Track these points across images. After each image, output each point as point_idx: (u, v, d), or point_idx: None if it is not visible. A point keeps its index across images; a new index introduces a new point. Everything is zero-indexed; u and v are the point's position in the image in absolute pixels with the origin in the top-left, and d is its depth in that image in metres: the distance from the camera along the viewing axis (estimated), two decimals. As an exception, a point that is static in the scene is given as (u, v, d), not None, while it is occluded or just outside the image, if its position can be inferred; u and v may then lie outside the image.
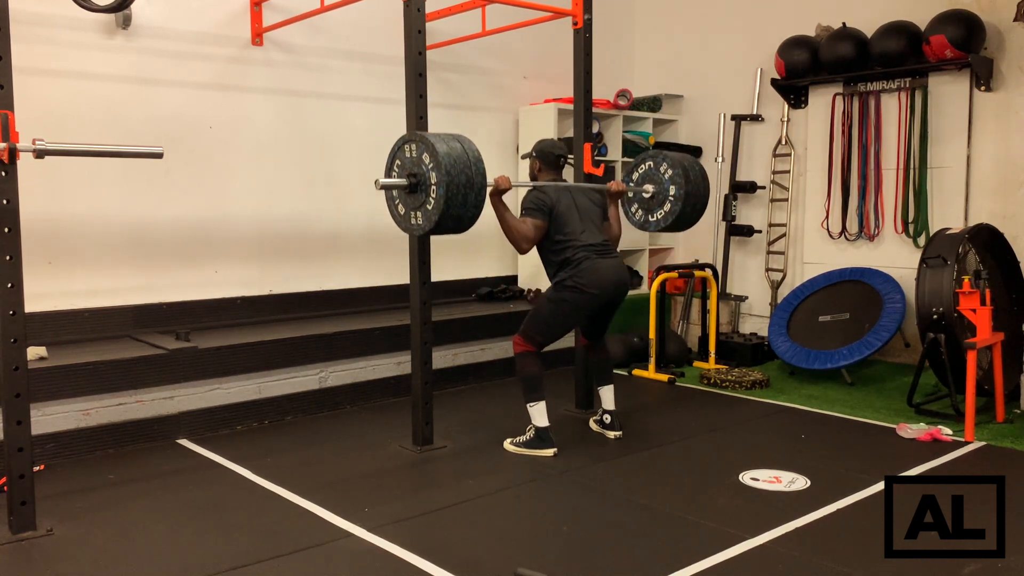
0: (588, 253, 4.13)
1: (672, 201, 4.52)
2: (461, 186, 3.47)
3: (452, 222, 3.55)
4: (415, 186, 3.58)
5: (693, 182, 4.52)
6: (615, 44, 7.46)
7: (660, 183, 4.56)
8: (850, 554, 2.99)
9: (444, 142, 3.52)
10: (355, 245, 5.97)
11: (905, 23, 5.72)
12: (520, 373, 4.23)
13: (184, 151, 5.14)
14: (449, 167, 3.45)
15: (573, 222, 4.17)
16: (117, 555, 3.05)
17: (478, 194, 3.54)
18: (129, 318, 4.99)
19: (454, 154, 3.50)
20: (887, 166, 6.03)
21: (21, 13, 4.41)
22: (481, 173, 3.55)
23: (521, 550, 3.07)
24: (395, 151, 3.70)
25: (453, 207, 3.48)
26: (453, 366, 5.63)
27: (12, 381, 3.10)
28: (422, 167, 3.55)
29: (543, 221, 4.12)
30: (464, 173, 3.48)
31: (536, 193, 4.18)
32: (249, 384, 4.74)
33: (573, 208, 4.21)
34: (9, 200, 3.06)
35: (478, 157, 3.57)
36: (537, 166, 4.39)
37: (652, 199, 4.61)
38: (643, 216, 4.70)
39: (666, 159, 4.56)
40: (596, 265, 4.12)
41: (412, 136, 3.64)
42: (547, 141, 4.44)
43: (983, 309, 4.48)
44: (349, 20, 5.71)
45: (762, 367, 6.10)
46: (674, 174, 4.51)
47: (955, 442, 4.31)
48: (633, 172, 4.72)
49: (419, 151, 3.57)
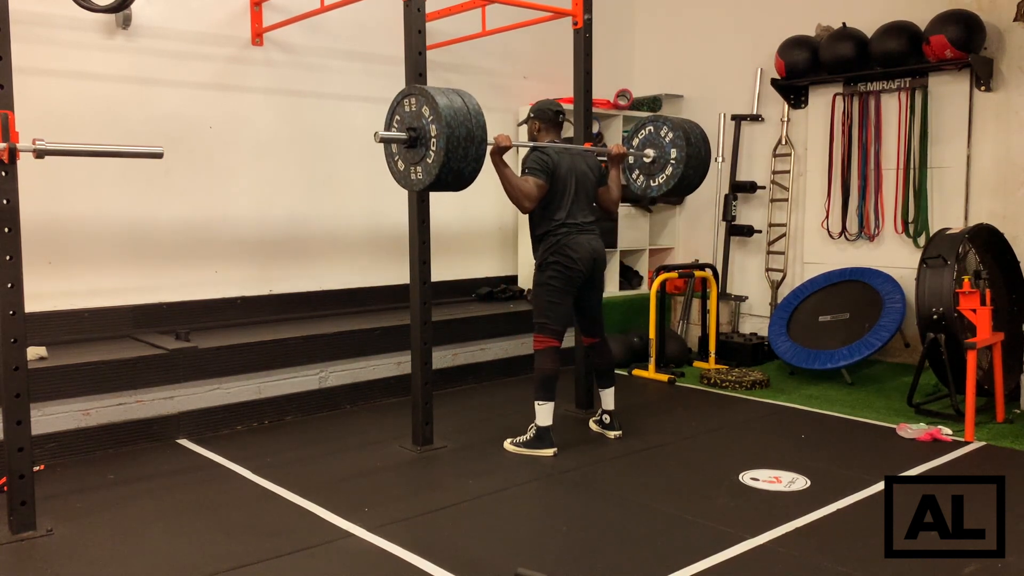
0: (569, 230, 4.19)
1: (674, 164, 4.50)
2: (461, 139, 3.45)
3: (452, 176, 3.52)
4: (415, 140, 3.55)
5: (694, 144, 4.49)
6: (615, 44, 7.46)
7: (661, 147, 4.54)
8: (850, 554, 2.99)
9: (444, 95, 3.50)
10: (355, 245, 5.97)
11: (905, 23, 5.72)
12: (537, 370, 4.22)
13: (184, 151, 5.14)
14: (449, 119, 3.43)
15: (567, 194, 4.20)
16: (117, 555, 3.05)
17: (478, 147, 3.52)
18: (129, 318, 4.99)
19: (454, 106, 3.47)
20: (887, 166, 6.03)
21: (21, 13, 4.41)
22: (481, 127, 3.53)
23: (521, 550, 3.07)
24: (395, 106, 3.67)
25: (453, 160, 3.46)
26: (453, 366, 5.63)
27: (12, 381, 3.10)
28: (422, 120, 3.52)
29: (545, 180, 4.13)
30: (464, 126, 3.46)
31: (538, 153, 4.18)
32: (249, 384, 4.74)
33: (571, 174, 4.22)
34: (9, 200, 3.06)
35: (478, 110, 3.55)
36: (536, 127, 4.37)
37: (653, 164, 4.59)
38: (644, 182, 4.67)
39: (667, 122, 4.54)
40: (575, 239, 4.19)
41: (412, 89, 3.62)
42: (544, 101, 4.43)
43: (983, 309, 4.48)
44: (349, 20, 5.71)
45: (762, 367, 6.10)
46: (675, 137, 4.49)
47: (955, 442, 4.31)
48: (633, 137, 4.69)
49: (419, 104, 3.54)
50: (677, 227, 7.51)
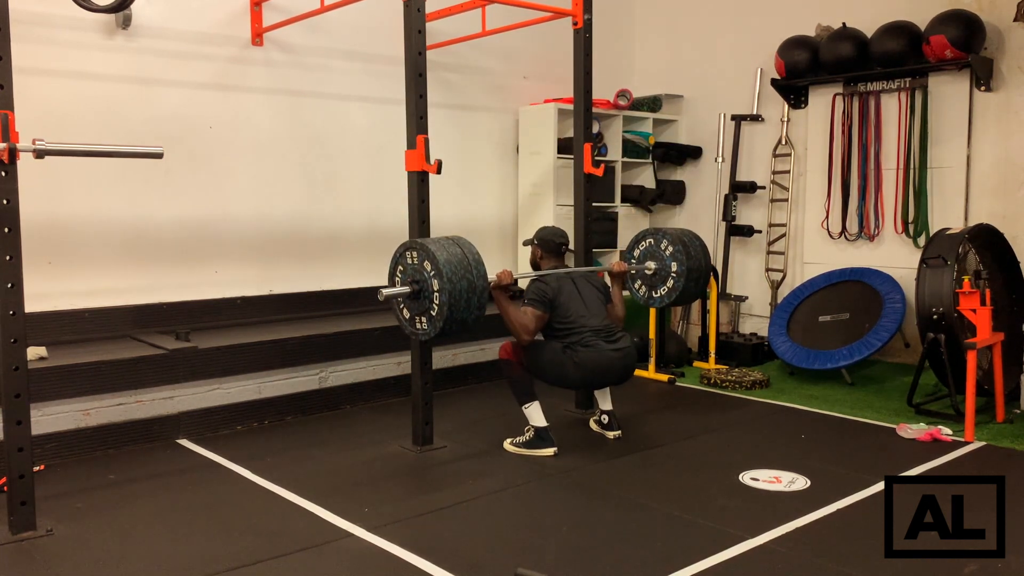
0: (595, 338, 4.17)
1: (675, 278, 4.63)
2: (463, 291, 3.53)
3: (457, 326, 3.61)
4: (418, 292, 3.62)
5: (694, 257, 4.63)
6: (615, 44, 7.46)
7: (661, 259, 4.66)
8: (850, 554, 2.99)
9: (444, 248, 3.59)
10: (355, 245, 5.97)
11: (905, 23, 5.72)
12: (507, 377, 4.27)
13: (184, 151, 5.14)
14: (450, 274, 3.50)
15: (577, 308, 4.22)
16: (117, 555, 3.05)
17: (480, 296, 3.61)
18: (129, 318, 4.98)
19: (454, 260, 3.55)
20: (887, 166, 6.03)
21: (21, 13, 4.41)
22: (482, 276, 3.62)
23: (521, 550, 3.07)
24: (397, 258, 3.75)
25: (456, 312, 3.54)
26: (453, 366, 5.62)
27: (12, 381, 3.10)
28: (423, 275, 3.59)
29: (544, 312, 4.18)
30: (465, 278, 3.54)
31: (538, 284, 4.25)
32: (249, 384, 4.74)
33: (576, 295, 4.27)
34: (9, 200, 3.06)
35: (478, 260, 3.64)
36: (539, 253, 4.47)
37: (655, 276, 4.71)
38: (647, 292, 4.80)
39: (665, 236, 4.66)
40: (601, 352, 4.15)
41: (412, 244, 3.69)
42: (548, 228, 4.52)
43: (983, 309, 4.48)
44: (349, 20, 5.70)
45: (762, 367, 6.10)
46: (675, 251, 4.61)
47: (955, 442, 4.31)
48: (634, 249, 4.82)
49: (420, 258, 3.61)
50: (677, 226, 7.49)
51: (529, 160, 6.73)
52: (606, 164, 6.64)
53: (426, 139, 4.05)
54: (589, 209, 4.98)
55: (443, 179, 4.86)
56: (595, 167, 4.92)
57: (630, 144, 7.05)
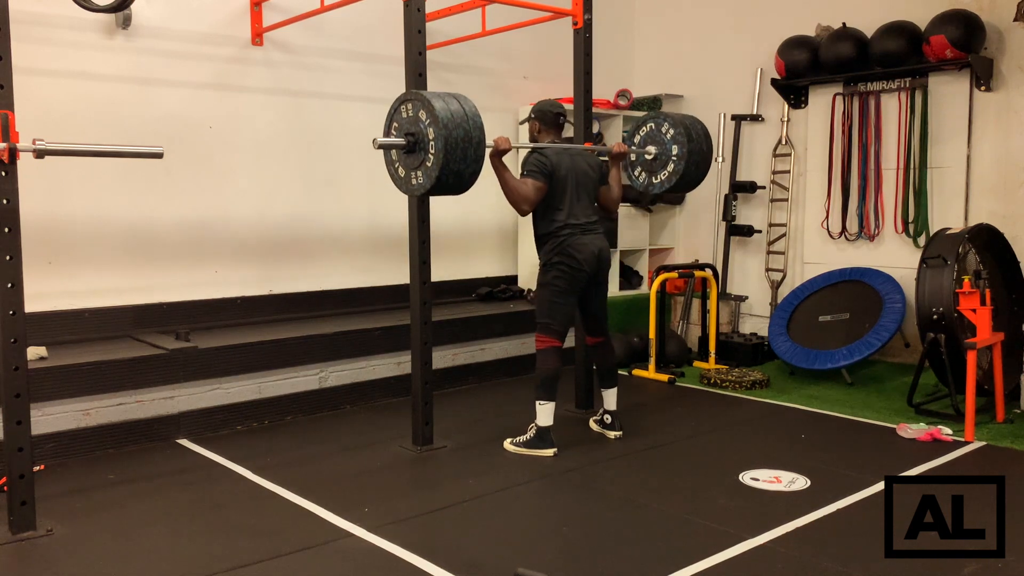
0: (572, 230, 4.19)
1: (675, 161, 4.50)
2: (459, 140, 3.46)
3: (453, 178, 3.52)
4: (413, 145, 3.56)
5: (695, 140, 4.49)
6: (615, 44, 7.46)
7: (662, 144, 4.54)
8: (850, 554, 2.99)
9: (441, 99, 3.52)
10: (355, 245, 5.97)
11: (905, 23, 5.72)
12: (539, 370, 4.21)
13: (184, 151, 5.14)
14: (446, 121, 3.44)
15: (567, 194, 4.19)
16: (117, 555, 3.05)
17: (477, 148, 3.53)
18: (129, 318, 4.98)
19: (451, 109, 3.49)
20: (887, 166, 6.03)
21: (21, 13, 4.40)
22: (479, 127, 3.54)
23: (521, 550, 3.07)
24: (392, 113, 3.68)
25: (452, 162, 3.46)
26: (453, 366, 5.63)
27: (12, 381, 3.10)
28: (419, 125, 3.53)
29: (544, 183, 4.13)
30: (462, 127, 3.47)
31: (537, 155, 4.18)
32: (249, 384, 4.74)
33: (571, 174, 4.21)
34: (9, 200, 3.06)
35: (475, 112, 3.57)
36: (537, 127, 4.38)
37: (655, 160, 4.59)
38: (646, 178, 4.68)
39: (668, 119, 4.55)
40: (579, 240, 4.19)
41: (408, 95, 3.63)
42: (546, 101, 4.43)
43: (983, 309, 4.48)
44: (349, 20, 5.70)
45: (762, 367, 6.10)
46: (676, 134, 4.50)
47: (955, 442, 4.31)
48: (635, 134, 4.70)
49: (415, 109, 3.55)
50: (677, 227, 7.51)
51: (529, 160, 6.72)
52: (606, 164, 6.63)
53: (426, 139, 4.04)
54: (589, 208, 4.97)
55: (443, 179, 4.86)
56: (595, 166, 4.91)
57: (630, 144, 7.04)
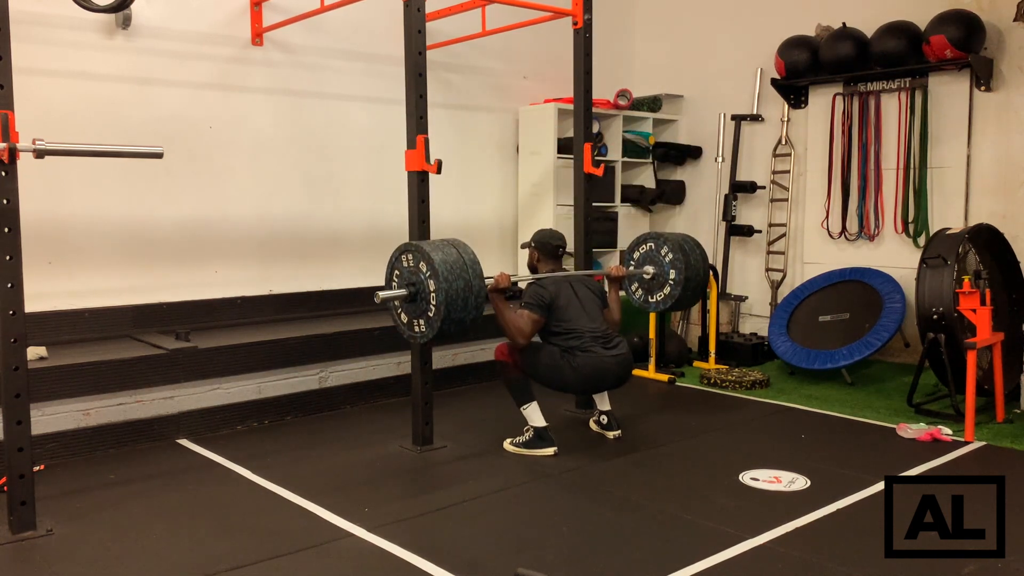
0: (592, 343, 4.16)
1: (672, 285, 4.63)
2: (460, 291, 3.51)
3: (455, 326, 3.58)
4: (415, 295, 3.61)
5: (693, 267, 4.62)
6: (615, 44, 7.46)
7: (660, 265, 4.65)
8: (850, 554, 2.99)
9: (439, 249, 3.57)
10: (355, 245, 5.97)
11: (905, 23, 5.72)
12: (504, 379, 4.27)
13: (184, 151, 5.14)
14: (446, 274, 3.48)
15: (574, 312, 4.22)
16: (117, 555, 3.05)
17: (477, 296, 3.58)
18: (129, 318, 4.98)
19: (450, 260, 3.53)
20: (887, 166, 6.03)
21: (21, 13, 4.40)
22: (478, 275, 3.59)
23: (521, 550, 3.07)
24: (393, 261, 3.73)
25: (454, 312, 3.51)
26: (453, 366, 5.62)
27: (12, 381, 3.10)
28: (420, 276, 3.57)
29: (540, 316, 4.17)
30: (461, 278, 3.52)
31: (535, 287, 4.23)
32: (249, 384, 4.74)
33: (573, 299, 4.26)
34: (9, 200, 3.06)
35: (474, 260, 3.62)
36: (536, 256, 4.46)
37: (652, 280, 4.70)
38: (643, 296, 4.81)
39: (666, 242, 4.64)
40: (598, 356, 4.14)
41: (408, 246, 3.67)
42: (545, 231, 4.50)
43: (983, 309, 4.48)
44: (349, 20, 5.70)
45: (762, 367, 6.10)
46: (674, 258, 4.61)
47: (955, 442, 4.31)
48: (633, 252, 4.81)
49: (415, 260, 3.60)
50: (677, 227, 7.50)
51: (529, 160, 6.73)
52: (606, 164, 6.64)
53: (426, 139, 4.05)
54: (589, 209, 4.98)
55: (443, 179, 4.86)
56: (595, 167, 4.92)
57: (630, 144, 7.05)
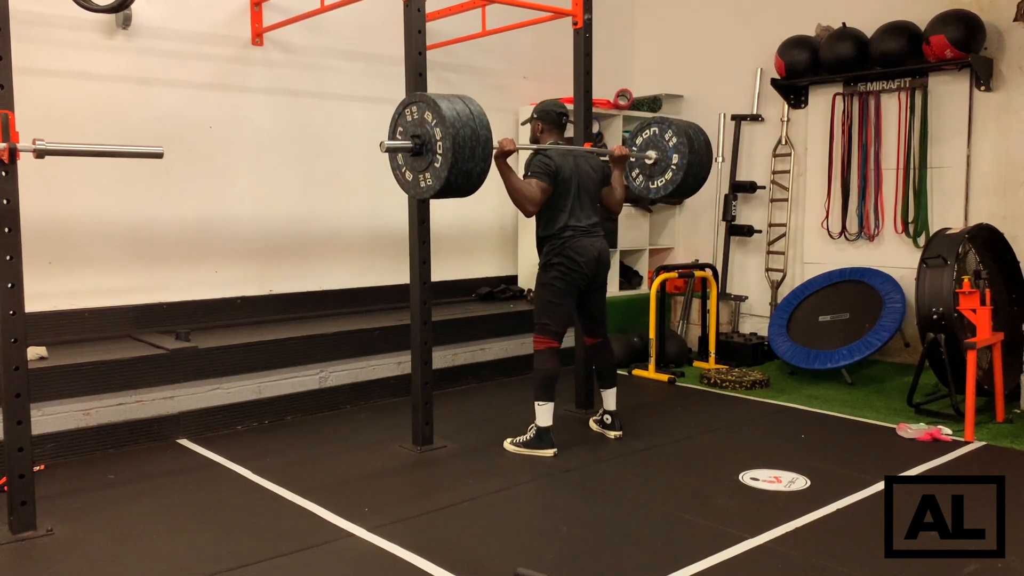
0: (573, 233, 4.19)
1: (674, 170, 4.51)
2: (467, 139, 3.46)
3: (462, 178, 3.52)
4: (420, 147, 3.56)
5: (696, 152, 4.49)
6: (615, 44, 7.46)
7: (663, 150, 4.54)
8: (850, 554, 2.99)
9: (446, 99, 3.53)
10: (355, 245, 5.97)
11: (905, 23, 5.72)
12: (537, 370, 4.22)
13: (184, 151, 5.14)
14: (453, 120, 3.44)
15: (570, 196, 4.20)
16: (117, 555, 3.05)
17: (484, 147, 3.53)
18: (129, 318, 4.99)
19: (457, 108, 3.50)
20: (887, 166, 6.03)
21: (21, 13, 4.41)
22: (485, 126, 3.54)
23: (521, 550, 3.07)
24: (396, 117, 3.68)
25: (461, 161, 3.46)
26: (453, 366, 5.63)
27: (12, 381, 3.10)
28: (425, 127, 3.53)
29: (548, 184, 4.13)
30: (468, 126, 3.48)
31: (541, 156, 4.18)
32: (249, 384, 4.74)
33: (575, 176, 4.22)
34: (9, 200, 3.06)
35: (481, 111, 3.58)
36: (539, 127, 4.37)
37: (654, 166, 4.59)
38: (644, 182, 4.69)
39: (671, 126, 4.54)
40: (580, 242, 4.19)
41: (412, 97, 3.63)
42: (548, 101, 4.42)
43: (983, 309, 4.48)
44: (349, 20, 5.70)
45: (762, 367, 6.10)
46: (678, 142, 4.49)
47: (955, 442, 4.31)
48: (636, 136, 4.69)
49: (420, 111, 3.55)
50: (677, 227, 7.51)
51: (529, 160, 6.72)
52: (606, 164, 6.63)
53: (426, 139, 4.04)
54: (589, 208, 4.97)
55: (443, 179, 4.86)
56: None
57: (630, 144, 7.04)
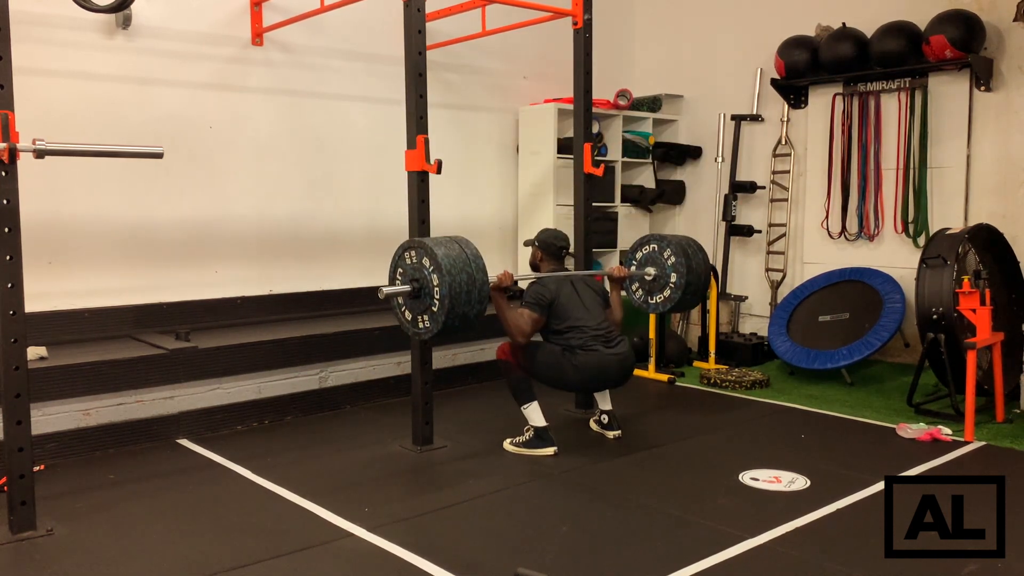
0: (594, 342, 4.17)
1: (672, 288, 4.60)
2: (463, 284, 3.54)
3: (459, 321, 3.61)
4: (418, 291, 3.64)
5: (694, 271, 4.58)
6: (615, 44, 7.46)
7: (662, 267, 4.63)
8: (850, 554, 2.99)
9: (442, 245, 3.61)
10: (355, 245, 5.97)
11: (905, 23, 5.72)
12: (506, 378, 4.27)
13: (184, 151, 5.14)
14: (449, 268, 3.52)
15: (576, 310, 4.23)
16: (117, 555, 3.05)
17: (480, 290, 3.62)
18: (129, 318, 4.98)
19: (452, 255, 3.58)
20: (887, 166, 6.03)
21: (21, 13, 4.40)
22: (481, 270, 3.63)
23: (521, 550, 3.07)
24: (396, 259, 3.76)
25: (458, 306, 3.55)
26: (453, 366, 5.62)
27: (12, 381, 3.10)
28: (423, 272, 3.61)
29: (540, 315, 4.19)
30: (464, 271, 3.56)
31: (537, 286, 4.26)
32: (249, 384, 4.74)
33: (575, 297, 4.28)
34: (9, 200, 3.06)
35: (477, 255, 3.66)
36: (539, 255, 4.48)
37: (653, 282, 4.68)
38: (643, 296, 4.79)
39: (669, 244, 4.62)
40: (600, 355, 4.16)
41: (411, 243, 3.71)
42: (549, 231, 4.52)
43: (983, 309, 4.48)
44: (349, 20, 5.70)
45: (762, 367, 6.10)
46: (676, 262, 4.58)
47: (955, 442, 4.31)
48: (636, 252, 4.79)
49: (419, 256, 3.64)
50: (677, 227, 7.51)
51: (529, 160, 6.73)
52: (606, 164, 6.64)
53: (426, 139, 4.05)
54: (589, 209, 4.99)
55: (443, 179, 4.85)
56: (595, 167, 4.92)
57: (630, 144, 7.05)
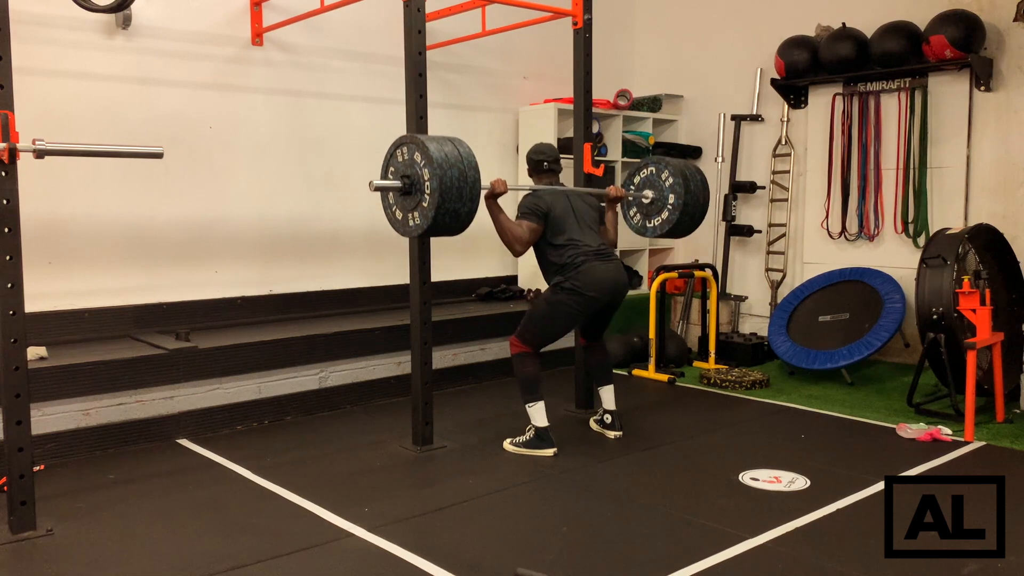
0: (587, 256, 4.13)
1: (670, 210, 4.55)
2: (455, 179, 3.52)
3: (449, 217, 3.57)
4: (409, 187, 3.63)
5: (693, 192, 4.53)
6: (615, 44, 7.46)
7: (660, 190, 4.58)
8: (850, 554, 2.99)
9: (435, 142, 3.60)
10: (355, 245, 5.97)
11: (905, 23, 5.72)
12: (518, 374, 4.24)
13: (184, 151, 5.14)
14: (441, 161, 3.50)
15: (570, 226, 4.19)
16: (117, 555, 3.05)
17: (472, 188, 3.59)
18: (129, 318, 4.99)
19: (445, 150, 3.56)
20: (887, 166, 6.03)
21: (21, 13, 4.40)
22: (474, 168, 3.60)
23: (521, 550, 3.07)
24: (388, 157, 3.75)
25: (448, 201, 3.51)
26: (453, 366, 5.63)
27: (12, 381, 3.10)
28: (415, 168, 3.59)
29: (537, 224, 4.14)
30: (456, 167, 3.54)
31: (531, 197, 4.22)
32: (249, 384, 4.74)
33: (570, 212, 4.22)
34: (9, 200, 3.06)
35: (469, 153, 3.64)
36: (528, 170, 4.47)
37: (651, 205, 4.63)
38: (641, 221, 4.73)
39: (668, 166, 4.57)
40: (595, 268, 4.12)
41: (403, 139, 3.69)
42: (535, 145, 4.47)
43: (983, 309, 4.48)
44: (349, 20, 5.71)
45: (762, 367, 6.10)
46: (675, 183, 4.52)
47: (955, 442, 4.31)
48: (634, 176, 4.74)
49: (411, 152, 3.62)
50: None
51: (529, 160, 6.72)
52: (606, 164, 6.64)
53: (426, 139, 4.05)
54: (589, 209, 4.98)
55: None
56: (595, 167, 4.92)
57: (630, 144, 7.04)
